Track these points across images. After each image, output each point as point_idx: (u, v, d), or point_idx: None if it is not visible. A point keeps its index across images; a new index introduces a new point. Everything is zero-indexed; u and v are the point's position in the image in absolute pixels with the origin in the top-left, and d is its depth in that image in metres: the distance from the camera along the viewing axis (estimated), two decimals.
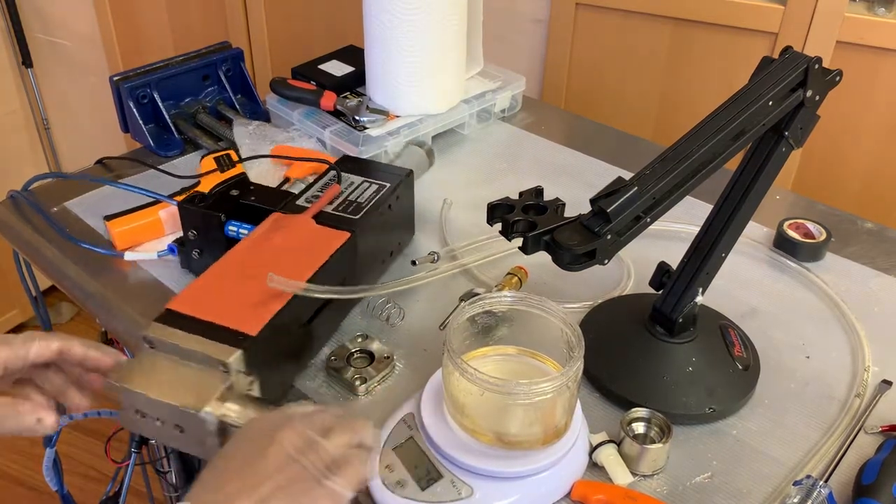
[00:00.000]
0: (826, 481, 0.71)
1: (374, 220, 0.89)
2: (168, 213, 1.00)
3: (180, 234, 0.93)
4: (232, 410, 0.64)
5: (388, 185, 0.93)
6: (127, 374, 0.66)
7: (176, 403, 0.64)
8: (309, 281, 0.77)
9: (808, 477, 0.69)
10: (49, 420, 0.67)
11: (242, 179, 0.94)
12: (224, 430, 0.64)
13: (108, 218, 0.99)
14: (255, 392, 0.69)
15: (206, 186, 1.03)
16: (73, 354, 0.68)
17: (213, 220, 0.88)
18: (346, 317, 0.89)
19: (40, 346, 0.66)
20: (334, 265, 0.82)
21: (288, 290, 0.75)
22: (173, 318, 0.72)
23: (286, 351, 0.79)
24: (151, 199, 1.01)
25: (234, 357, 0.68)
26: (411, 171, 0.96)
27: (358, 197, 0.91)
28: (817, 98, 0.73)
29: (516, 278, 0.91)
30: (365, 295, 0.87)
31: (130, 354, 0.88)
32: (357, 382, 0.79)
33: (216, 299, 0.75)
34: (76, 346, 0.68)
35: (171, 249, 0.96)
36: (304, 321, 0.80)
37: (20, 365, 0.66)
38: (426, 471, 0.69)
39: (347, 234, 0.84)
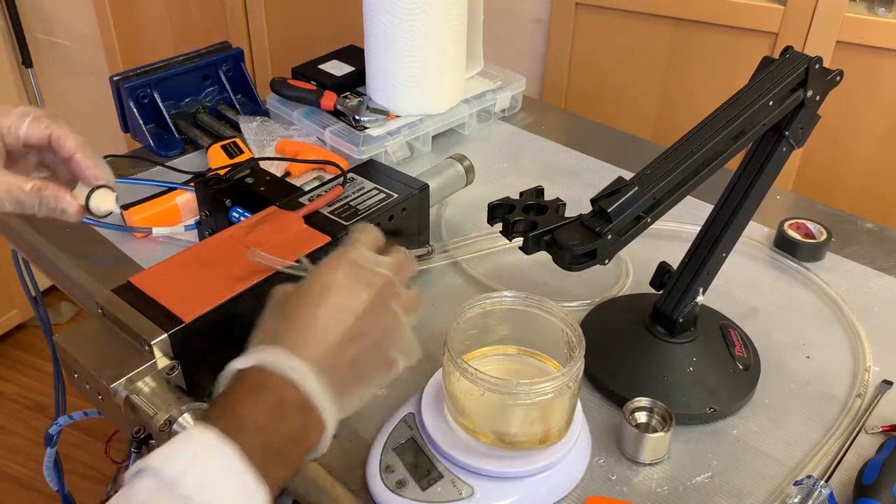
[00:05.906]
0: (827, 481, 0.71)
1: None
2: (185, 200, 1.03)
3: (197, 219, 0.97)
4: (144, 390, 0.66)
5: (395, 195, 0.90)
6: (71, 335, 0.70)
7: (94, 372, 0.66)
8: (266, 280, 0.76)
9: (809, 477, 0.69)
10: (71, 210, 0.65)
11: (259, 170, 0.94)
12: (133, 406, 0.66)
13: (126, 207, 1.01)
14: (178, 379, 0.69)
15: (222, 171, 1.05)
16: (64, 147, 0.64)
17: (220, 204, 0.89)
18: None
19: (32, 125, 0.64)
20: None
21: (271, 265, 0.75)
22: (128, 292, 0.72)
23: (225, 346, 0.77)
24: (164, 189, 1.04)
25: (159, 339, 0.68)
26: (426, 185, 0.92)
27: (360, 203, 0.88)
28: (818, 98, 0.73)
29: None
30: None
31: None
32: None
33: (176, 281, 0.74)
34: (69, 140, 0.64)
35: (196, 224, 0.98)
36: (254, 320, 0.79)
37: (13, 140, 0.64)
38: (427, 471, 0.69)
39: (327, 239, 0.82)
